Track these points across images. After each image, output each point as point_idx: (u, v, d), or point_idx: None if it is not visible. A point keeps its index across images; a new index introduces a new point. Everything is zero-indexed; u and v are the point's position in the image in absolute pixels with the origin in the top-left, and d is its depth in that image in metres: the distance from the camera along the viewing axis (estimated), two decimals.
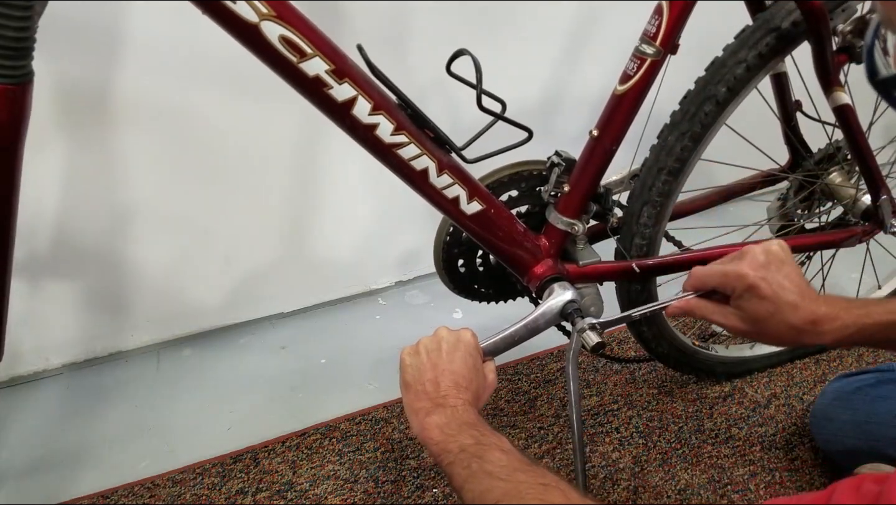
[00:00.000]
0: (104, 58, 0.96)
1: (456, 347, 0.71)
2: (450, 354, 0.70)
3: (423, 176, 0.73)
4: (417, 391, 0.69)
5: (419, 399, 0.68)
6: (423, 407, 0.67)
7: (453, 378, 0.69)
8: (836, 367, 1.18)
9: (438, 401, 0.67)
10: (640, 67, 0.77)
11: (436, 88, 1.11)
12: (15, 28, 0.55)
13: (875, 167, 0.95)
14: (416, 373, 0.70)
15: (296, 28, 0.60)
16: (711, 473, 1.00)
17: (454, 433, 0.63)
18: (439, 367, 0.69)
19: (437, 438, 0.63)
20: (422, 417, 0.66)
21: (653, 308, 0.80)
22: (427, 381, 0.69)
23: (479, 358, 0.73)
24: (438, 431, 0.64)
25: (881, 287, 1.21)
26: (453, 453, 0.61)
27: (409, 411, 0.69)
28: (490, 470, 0.57)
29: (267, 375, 1.21)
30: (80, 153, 1.02)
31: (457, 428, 0.63)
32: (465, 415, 0.65)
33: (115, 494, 0.98)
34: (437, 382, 0.68)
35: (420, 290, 1.42)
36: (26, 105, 0.60)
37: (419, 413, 0.67)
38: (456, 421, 0.64)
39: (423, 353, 0.71)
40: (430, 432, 0.64)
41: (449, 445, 0.62)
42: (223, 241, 1.20)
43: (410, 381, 0.70)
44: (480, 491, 0.56)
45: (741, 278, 0.68)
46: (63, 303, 1.14)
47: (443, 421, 0.64)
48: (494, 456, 0.59)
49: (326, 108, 0.66)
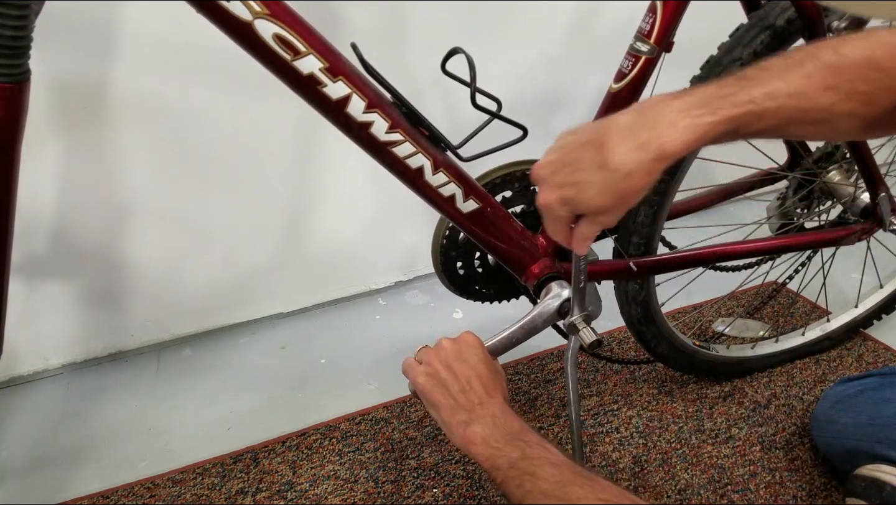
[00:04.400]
0: (101, 55, 0.97)
1: (467, 351, 0.71)
2: (466, 360, 0.70)
3: (418, 174, 0.74)
4: (451, 406, 0.67)
5: (454, 414, 0.67)
6: (461, 420, 0.65)
7: (480, 381, 0.68)
8: (836, 367, 1.17)
9: (475, 410, 0.66)
10: (634, 65, 0.77)
11: (433, 87, 1.11)
12: (12, 27, 0.56)
13: (873, 165, 0.95)
14: (441, 388, 0.69)
15: (289, 26, 0.61)
16: (711, 473, 0.99)
17: (500, 445, 0.62)
18: (461, 375, 0.68)
19: (485, 454, 0.62)
20: (463, 430, 0.65)
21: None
22: (457, 392, 0.68)
23: (488, 354, 0.73)
24: (484, 444, 0.63)
25: (883, 286, 1.20)
26: (503, 470, 0.60)
27: (448, 430, 0.67)
28: (545, 489, 0.56)
29: (267, 376, 1.21)
30: (77, 152, 1.03)
31: (502, 440, 0.62)
32: (507, 422, 0.64)
33: (115, 494, 0.98)
34: (466, 391, 0.68)
35: (420, 290, 1.42)
36: (23, 104, 0.60)
37: (459, 427, 0.65)
38: (500, 431, 0.63)
39: (441, 367, 0.70)
40: (477, 448, 0.63)
41: (497, 461, 0.61)
42: (223, 241, 1.21)
43: (441, 399, 0.68)
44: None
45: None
46: (63, 303, 1.14)
47: (487, 432, 0.63)
48: (546, 472, 0.58)
49: (321, 107, 0.67)
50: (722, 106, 0.49)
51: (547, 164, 0.56)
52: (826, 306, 1.24)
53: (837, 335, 1.19)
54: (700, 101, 0.50)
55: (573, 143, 0.55)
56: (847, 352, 1.20)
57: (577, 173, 0.53)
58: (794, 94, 0.49)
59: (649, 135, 0.50)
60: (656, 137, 0.50)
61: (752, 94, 0.49)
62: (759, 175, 1.07)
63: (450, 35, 1.10)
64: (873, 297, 1.20)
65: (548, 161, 0.56)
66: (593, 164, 0.52)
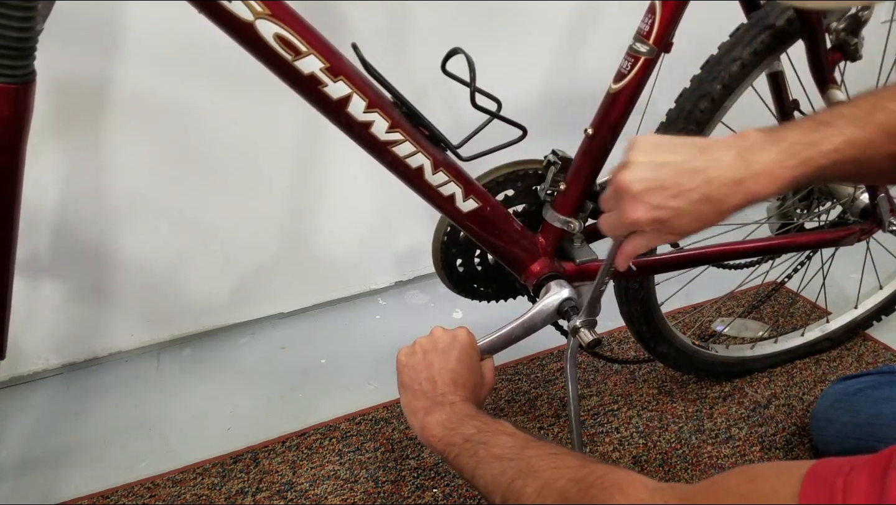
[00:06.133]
0: (101, 55, 0.97)
1: (452, 345, 0.71)
2: (446, 353, 0.71)
3: (418, 173, 0.74)
4: (415, 391, 0.69)
5: (417, 398, 0.68)
6: (421, 406, 0.67)
7: (451, 376, 0.69)
8: (836, 366, 1.18)
9: (437, 399, 0.67)
10: (633, 66, 0.77)
11: (434, 87, 1.11)
12: (17, 28, 0.56)
13: None
14: (413, 372, 0.70)
15: (290, 26, 0.61)
16: (711, 472, 0.99)
17: (455, 426, 0.63)
18: (436, 365, 0.69)
19: (439, 435, 0.63)
20: (421, 416, 0.66)
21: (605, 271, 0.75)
22: (424, 379, 0.69)
23: (476, 356, 0.73)
24: (440, 427, 0.64)
25: (882, 287, 1.20)
26: (458, 445, 0.61)
27: (407, 411, 0.69)
28: (498, 453, 0.57)
29: (267, 376, 1.21)
30: (77, 152, 1.03)
31: (458, 421, 0.63)
32: (465, 409, 0.65)
33: (115, 494, 0.98)
34: (435, 381, 0.68)
35: (420, 290, 1.42)
36: (28, 104, 0.61)
37: (418, 413, 0.67)
38: (456, 415, 0.64)
39: (420, 352, 0.71)
40: (432, 430, 0.64)
41: (452, 439, 0.62)
42: (223, 241, 1.21)
43: (408, 381, 0.70)
44: (493, 475, 0.56)
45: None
46: (63, 303, 1.14)
47: (443, 418, 0.64)
48: (500, 440, 0.59)
49: (321, 106, 0.67)
50: (812, 157, 0.53)
51: (642, 181, 0.56)
52: (826, 307, 1.24)
53: (837, 336, 1.19)
54: (791, 152, 0.53)
55: (671, 164, 0.56)
56: (847, 352, 1.20)
57: (677, 199, 0.55)
58: (869, 144, 0.53)
59: (749, 180, 0.54)
60: (754, 184, 0.54)
61: (835, 142, 0.53)
62: None
63: (450, 35, 1.10)
64: (873, 298, 1.20)
65: (642, 177, 0.56)
66: (696, 195, 0.55)
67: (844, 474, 0.36)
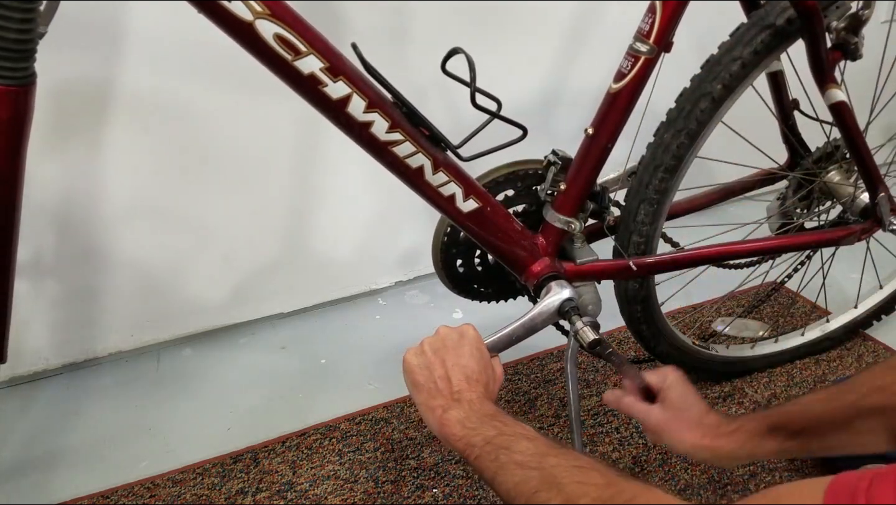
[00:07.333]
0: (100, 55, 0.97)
1: (461, 342, 0.71)
2: (456, 350, 0.70)
3: (418, 174, 0.74)
4: (430, 389, 0.68)
5: (433, 397, 0.67)
6: (438, 404, 0.66)
7: (464, 372, 0.68)
8: (836, 367, 1.17)
9: (454, 396, 0.66)
10: (634, 65, 0.77)
11: (434, 87, 1.11)
12: (17, 30, 0.56)
13: (872, 165, 0.95)
14: (425, 371, 0.69)
15: (290, 26, 0.61)
16: (711, 472, 0.99)
17: (476, 426, 0.62)
18: (448, 362, 0.69)
19: (459, 434, 0.63)
20: (439, 414, 0.65)
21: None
22: (438, 378, 0.68)
23: (485, 351, 0.73)
24: (459, 426, 0.63)
25: (882, 287, 1.20)
26: (478, 447, 0.60)
27: (423, 411, 0.68)
28: (520, 460, 0.57)
29: (267, 376, 1.21)
30: (77, 151, 1.03)
31: (478, 421, 0.63)
32: (483, 407, 0.65)
33: (115, 494, 0.98)
34: (449, 378, 0.68)
35: (420, 290, 1.42)
36: (29, 106, 0.61)
37: (435, 410, 0.66)
38: (475, 414, 0.64)
39: (430, 351, 0.70)
40: (451, 428, 0.63)
41: (472, 439, 0.61)
42: (223, 241, 1.21)
43: (421, 380, 0.69)
44: (515, 483, 0.56)
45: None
46: (63, 303, 1.14)
47: (462, 415, 0.64)
48: (522, 445, 0.58)
49: (321, 106, 0.67)
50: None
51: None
52: (826, 307, 1.24)
53: (837, 336, 1.19)
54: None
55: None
56: (847, 352, 1.20)
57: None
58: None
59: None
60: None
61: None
62: (759, 175, 1.07)
63: (450, 35, 1.10)
64: (873, 297, 1.20)
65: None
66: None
67: (868, 479, 0.37)
